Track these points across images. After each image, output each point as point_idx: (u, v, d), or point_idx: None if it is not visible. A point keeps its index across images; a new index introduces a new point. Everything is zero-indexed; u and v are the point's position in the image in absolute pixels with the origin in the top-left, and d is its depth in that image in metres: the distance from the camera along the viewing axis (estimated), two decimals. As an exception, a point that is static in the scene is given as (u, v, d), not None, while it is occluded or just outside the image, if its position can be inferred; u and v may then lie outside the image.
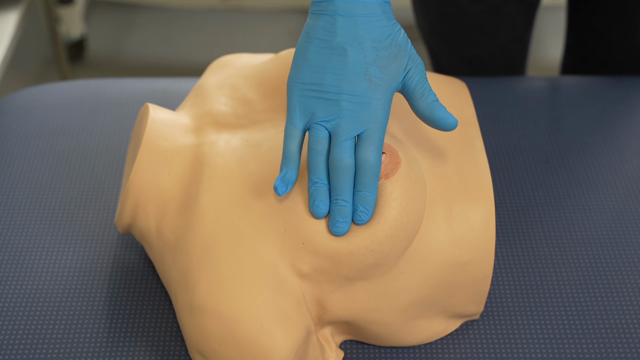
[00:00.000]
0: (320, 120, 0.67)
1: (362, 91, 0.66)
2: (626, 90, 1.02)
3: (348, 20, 0.66)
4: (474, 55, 1.11)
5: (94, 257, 0.83)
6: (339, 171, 0.66)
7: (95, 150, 0.95)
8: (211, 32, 2.31)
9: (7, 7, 1.94)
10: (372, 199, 0.66)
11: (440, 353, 0.76)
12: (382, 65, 0.67)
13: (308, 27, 0.68)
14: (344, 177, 0.66)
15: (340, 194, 0.66)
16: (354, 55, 0.66)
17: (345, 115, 0.66)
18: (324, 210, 0.66)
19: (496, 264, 0.83)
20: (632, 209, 0.88)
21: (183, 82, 1.04)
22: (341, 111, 0.66)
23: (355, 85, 0.66)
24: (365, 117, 0.66)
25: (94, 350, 0.76)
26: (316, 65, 0.67)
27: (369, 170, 0.66)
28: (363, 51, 0.66)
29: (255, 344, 0.66)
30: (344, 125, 0.66)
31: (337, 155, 0.66)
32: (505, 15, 1.07)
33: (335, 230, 0.66)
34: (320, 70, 0.67)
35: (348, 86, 0.66)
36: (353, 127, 0.66)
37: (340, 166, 0.65)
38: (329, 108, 0.66)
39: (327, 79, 0.66)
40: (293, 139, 0.67)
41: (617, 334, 0.77)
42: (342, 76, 0.66)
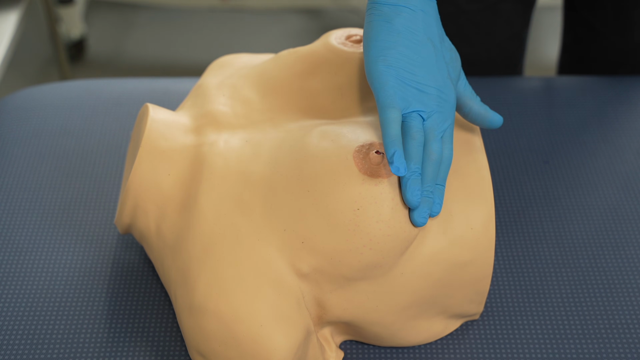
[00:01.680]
0: (418, 110, 0.68)
1: (446, 89, 0.69)
2: (625, 89, 1.02)
3: (427, 17, 0.69)
4: (471, 54, 1.11)
5: (94, 257, 0.83)
6: (435, 164, 0.67)
7: (95, 150, 0.95)
8: (211, 32, 2.31)
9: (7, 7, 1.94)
10: (443, 191, 0.68)
11: (440, 353, 0.76)
12: (454, 66, 0.71)
13: (386, 16, 0.68)
14: (436, 169, 0.67)
15: (429, 186, 0.67)
16: (439, 53, 0.69)
17: (438, 110, 0.68)
18: (418, 201, 0.66)
19: (496, 264, 0.83)
20: (632, 209, 0.88)
21: (183, 82, 1.04)
22: (434, 105, 0.68)
23: (441, 81, 0.69)
24: (448, 114, 0.69)
25: (94, 350, 0.76)
26: (407, 56, 0.68)
27: (448, 165, 0.69)
28: (442, 50, 0.70)
29: (254, 344, 0.66)
30: (438, 120, 0.68)
31: (436, 149, 0.67)
32: (501, 14, 1.07)
33: (420, 220, 0.66)
34: (412, 62, 0.68)
35: (437, 82, 0.68)
36: (442, 122, 0.69)
37: (437, 159, 0.67)
38: (425, 100, 0.68)
39: (420, 71, 0.68)
40: (397, 122, 0.66)
41: (617, 334, 0.77)
42: (432, 71, 0.68)
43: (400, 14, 0.68)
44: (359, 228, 0.67)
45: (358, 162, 0.68)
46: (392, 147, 0.65)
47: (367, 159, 0.68)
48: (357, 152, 0.68)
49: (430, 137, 0.68)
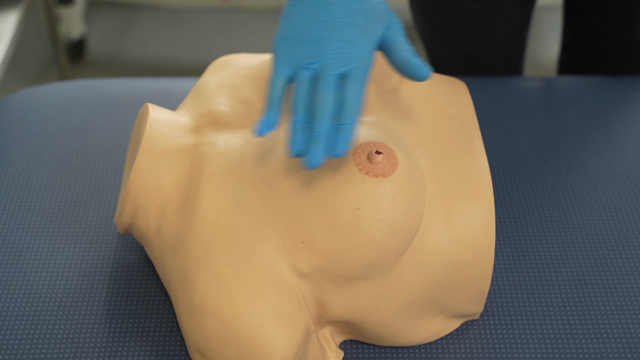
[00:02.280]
0: (305, 64, 0.68)
1: (348, 35, 0.68)
2: (625, 89, 1.02)
3: None
4: (472, 53, 1.11)
5: (94, 257, 0.83)
6: (320, 103, 0.65)
7: (95, 150, 0.95)
8: (211, 32, 2.31)
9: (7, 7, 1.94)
10: (351, 132, 0.65)
11: (440, 353, 0.76)
12: (367, 15, 0.69)
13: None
14: (326, 110, 0.65)
15: (318, 126, 0.65)
16: (340, 7, 0.69)
17: (331, 55, 0.67)
18: (299, 148, 0.65)
19: (496, 264, 0.83)
20: (632, 208, 0.88)
21: (183, 82, 1.04)
22: (326, 52, 0.67)
23: (340, 30, 0.68)
24: (350, 57, 0.67)
25: (94, 350, 0.76)
26: (301, 22, 0.69)
27: (351, 104, 0.65)
28: (348, 3, 0.69)
29: (255, 344, 0.66)
30: (329, 64, 0.67)
31: (319, 89, 0.66)
32: (502, 13, 1.07)
33: (308, 161, 0.64)
34: (306, 25, 0.69)
35: (333, 32, 0.68)
36: (338, 65, 0.67)
37: (324, 99, 0.65)
38: (314, 51, 0.68)
39: (313, 30, 0.68)
40: (276, 86, 0.67)
41: (617, 334, 0.77)
42: (327, 24, 0.68)
43: None
44: (359, 227, 0.67)
45: (358, 161, 0.68)
46: (265, 111, 0.67)
47: (367, 158, 0.68)
48: (357, 151, 0.68)
49: (317, 81, 0.67)
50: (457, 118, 0.78)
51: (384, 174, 0.67)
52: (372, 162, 0.68)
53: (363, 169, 0.67)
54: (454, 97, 0.80)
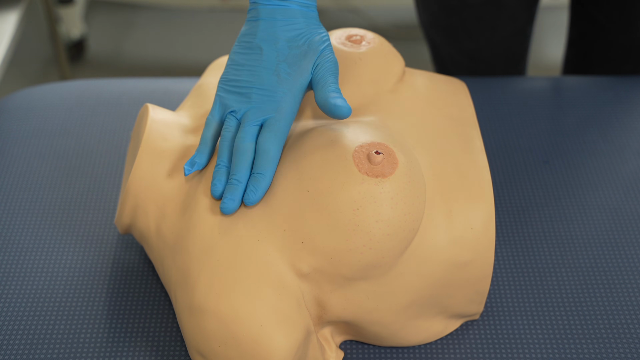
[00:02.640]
0: (232, 110, 0.73)
1: (270, 85, 0.72)
2: (625, 89, 1.02)
3: (268, 23, 0.74)
4: (475, 49, 1.11)
5: (94, 257, 0.83)
6: (237, 153, 0.70)
7: (95, 150, 0.95)
8: (211, 32, 2.31)
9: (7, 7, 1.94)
10: (263, 181, 0.69)
11: (440, 353, 0.76)
12: (292, 62, 0.73)
13: (240, 34, 0.76)
14: (242, 158, 0.70)
15: (235, 174, 0.70)
16: (268, 53, 0.73)
17: (253, 106, 0.72)
18: (220, 189, 0.70)
19: (496, 264, 0.83)
20: (632, 209, 0.88)
21: (183, 82, 1.04)
22: (250, 102, 0.72)
23: (265, 79, 0.72)
24: (269, 107, 0.72)
25: (94, 350, 0.76)
26: (237, 64, 0.74)
27: (264, 154, 0.70)
28: (277, 49, 0.73)
29: (255, 344, 0.66)
30: (249, 114, 0.72)
31: (238, 139, 0.71)
32: (505, 8, 1.07)
33: (222, 206, 0.69)
34: (239, 69, 0.74)
35: (259, 80, 0.73)
36: (257, 115, 0.72)
37: (239, 148, 0.70)
38: (241, 100, 0.73)
39: (243, 75, 0.73)
40: (210, 127, 0.74)
41: (617, 334, 0.77)
42: (255, 72, 0.73)
43: (245, 27, 0.75)
44: (359, 228, 0.67)
45: (358, 162, 0.68)
46: (196, 151, 0.73)
47: (366, 158, 0.68)
48: (357, 152, 0.68)
49: (239, 130, 0.72)
50: (457, 118, 0.78)
51: (384, 174, 0.67)
52: (372, 163, 0.68)
53: (363, 169, 0.67)
54: (453, 97, 0.80)
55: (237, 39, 0.75)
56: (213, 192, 0.70)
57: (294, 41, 0.74)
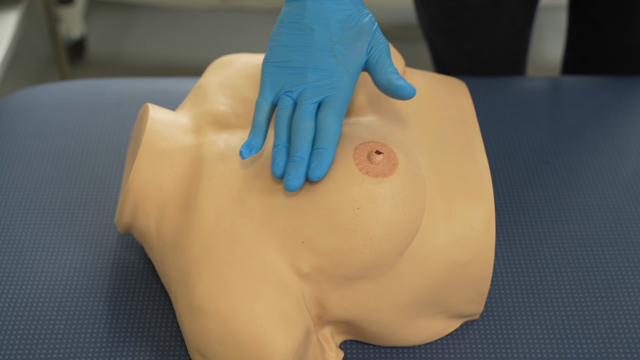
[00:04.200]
0: (287, 91, 0.72)
1: (327, 65, 0.71)
2: (625, 89, 1.02)
3: (316, 3, 0.72)
4: (475, 50, 1.11)
5: (94, 257, 0.83)
6: (298, 131, 0.69)
7: (95, 150, 0.95)
8: (211, 32, 2.31)
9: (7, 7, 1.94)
10: (328, 156, 0.68)
11: (440, 353, 0.76)
12: (347, 44, 0.72)
13: (281, 13, 0.74)
14: (303, 136, 0.69)
15: (297, 151, 0.68)
16: (321, 34, 0.72)
17: (310, 84, 0.71)
18: (282, 169, 0.69)
19: (496, 264, 0.83)
20: (632, 209, 0.88)
21: (183, 82, 1.04)
22: (306, 82, 0.71)
23: (321, 60, 0.71)
24: (327, 86, 0.71)
25: (94, 350, 0.76)
26: (286, 45, 0.72)
27: (326, 130, 0.69)
28: (329, 31, 0.72)
29: (255, 344, 0.66)
30: (306, 93, 0.71)
31: (297, 117, 0.70)
32: (505, 10, 1.07)
33: (286, 183, 0.67)
34: (289, 50, 0.72)
35: (314, 61, 0.71)
36: (315, 94, 0.71)
37: (300, 126, 0.69)
38: (296, 80, 0.71)
39: (296, 56, 0.72)
40: (262, 110, 0.72)
41: (617, 334, 0.77)
42: (309, 53, 0.72)
43: (289, 8, 0.74)
44: (359, 227, 0.67)
45: (358, 161, 0.68)
46: (250, 134, 0.71)
47: (367, 158, 0.68)
48: (357, 151, 0.68)
49: (296, 109, 0.71)
50: (457, 118, 0.78)
51: (384, 173, 0.67)
52: (372, 162, 0.68)
53: (363, 169, 0.67)
54: (453, 97, 0.80)
55: (281, 20, 0.74)
56: (275, 172, 0.68)
57: (346, 22, 0.73)
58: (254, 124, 0.71)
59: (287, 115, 0.71)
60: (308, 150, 0.68)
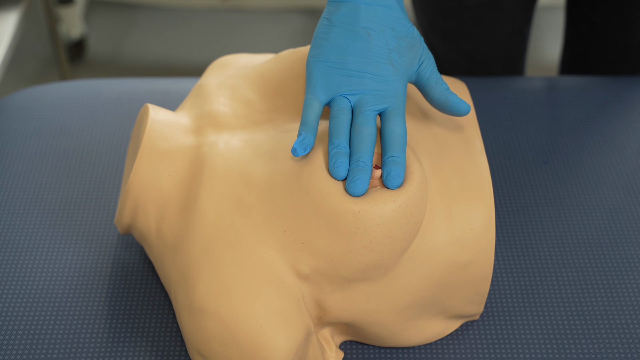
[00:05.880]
0: (344, 93, 0.70)
1: (385, 73, 0.70)
2: (625, 89, 1.02)
3: (370, 9, 0.71)
4: (473, 50, 1.11)
5: (94, 257, 0.83)
6: (362, 136, 0.68)
7: (95, 150, 0.95)
8: (211, 32, 2.31)
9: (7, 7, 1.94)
10: (403, 164, 0.67)
11: (440, 353, 0.76)
12: (402, 53, 0.71)
13: (329, 13, 0.72)
14: (368, 141, 0.68)
15: (362, 156, 0.67)
16: (377, 40, 0.70)
17: (369, 91, 0.69)
18: (344, 171, 0.67)
19: (496, 264, 0.83)
20: (632, 208, 0.88)
21: (183, 82, 1.04)
22: (364, 87, 0.69)
23: (379, 67, 0.70)
24: (388, 95, 0.69)
25: (94, 350, 0.76)
26: (339, 46, 0.70)
27: (399, 139, 0.68)
28: (385, 37, 0.71)
29: (254, 345, 0.66)
30: (368, 99, 0.69)
31: (360, 122, 0.68)
32: (503, 10, 1.07)
33: (353, 187, 0.66)
34: (343, 52, 0.70)
35: (372, 67, 0.70)
36: (377, 101, 0.69)
37: (364, 131, 0.68)
38: (353, 83, 0.70)
39: (351, 60, 0.70)
40: (312, 109, 0.69)
41: (617, 334, 0.77)
42: (365, 58, 0.70)
43: (339, 9, 0.71)
44: (359, 230, 0.67)
45: None
46: (301, 130, 0.68)
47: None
48: None
49: (356, 114, 0.69)
50: (457, 118, 0.78)
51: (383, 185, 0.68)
52: (372, 177, 0.68)
53: None
54: (454, 98, 0.80)
55: (329, 20, 0.72)
56: (337, 173, 0.67)
57: (399, 32, 0.72)
58: (305, 122, 0.69)
59: (347, 117, 0.69)
60: (372, 157, 0.68)
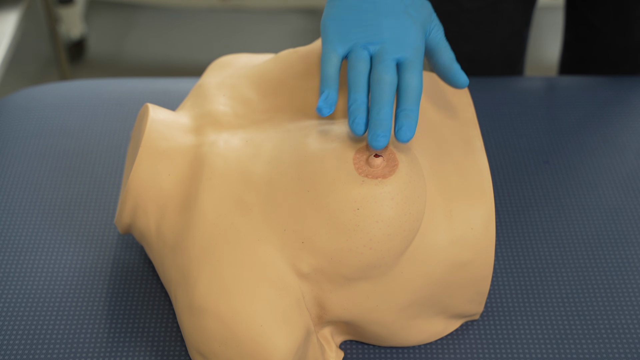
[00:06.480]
0: (362, 44, 0.68)
1: (403, 23, 0.68)
2: (625, 89, 1.02)
3: None
4: (472, 52, 1.12)
5: (94, 257, 0.83)
6: (383, 85, 0.66)
7: (95, 150, 0.95)
8: (211, 32, 2.31)
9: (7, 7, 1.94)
10: (415, 118, 0.66)
11: (440, 353, 0.76)
12: (417, 8, 0.70)
13: None
14: (388, 91, 0.65)
15: (382, 108, 0.65)
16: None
17: (388, 40, 0.67)
18: (363, 128, 0.65)
19: (496, 264, 0.83)
20: (631, 208, 0.88)
21: (183, 82, 1.04)
22: (382, 37, 0.67)
23: (396, 18, 0.68)
24: (407, 44, 0.68)
25: (94, 350, 0.76)
26: (354, 7, 0.69)
27: (415, 91, 0.66)
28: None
29: (254, 344, 0.66)
30: (387, 48, 0.67)
31: (380, 70, 0.66)
32: (502, 12, 1.07)
33: (376, 142, 0.64)
34: (359, 11, 0.69)
35: (388, 19, 0.68)
36: (396, 50, 0.67)
37: (384, 80, 0.66)
38: (371, 33, 0.68)
39: (368, 13, 0.69)
40: (331, 62, 0.67)
41: (617, 334, 0.77)
42: (381, 12, 0.69)
43: None
44: (359, 228, 0.67)
45: (358, 166, 0.68)
46: (323, 87, 0.66)
47: (366, 163, 0.68)
48: (357, 157, 0.68)
49: (375, 62, 0.67)
50: (457, 118, 0.78)
51: (384, 175, 0.67)
52: (372, 166, 0.68)
53: (363, 172, 0.67)
54: (454, 98, 0.80)
55: None
56: (357, 130, 0.65)
57: None
58: (326, 78, 0.66)
59: (365, 67, 0.67)
60: (392, 109, 0.65)
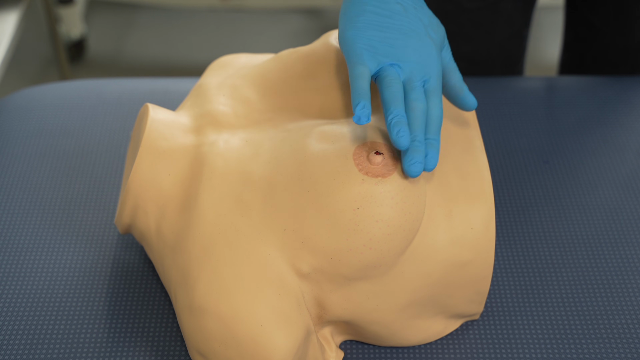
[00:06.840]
0: (390, 62, 0.68)
1: (426, 45, 0.69)
2: (625, 89, 1.02)
3: None
4: (472, 52, 1.12)
5: (94, 257, 0.83)
6: (419, 113, 0.66)
7: (95, 150, 0.95)
8: (211, 32, 2.31)
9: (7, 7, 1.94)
10: (437, 147, 0.67)
11: (440, 353, 0.76)
12: (435, 29, 0.71)
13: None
14: (422, 119, 0.66)
15: (418, 135, 0.66)
16: (413, 15, 0.70)
17: (415, 63, 0.68)
18: (407, 140, 0.65)
19: (496, 264, 0.83)
20: (631, 208, 0.88)
21: (183, 82, 1.04)
22: (408, 59, 0.68)
23: (420, 39, 0.69)
24: (431, 68, 0.69)
25: (94, 350, 0.76)
26: (377, 23, 0.69)
27: (437, 120, 0.67)
28: (418, 14, 0.70)
29: (254, 344, 0.66)
30: (416, 72, 0.68)
31: (414, 97, 0.67)
32: (502, 12, 1.07)
33: (413, 169, 0.65)
34: (382, 28, 0.69)
35: (414, 40, 0.69)
36: (422, 74, 0.68)
37: (420, 108, 0.67)
38: (398, 55, 0.68)
39: (391, 32, 0.69)
40: (364, 78, 0.67)
41: (617, 334, 0.77)
42: (404, 31, 0.69)
43: None
44: (359, 227, 0.67)
45: (358, 162, 0.68)
46: (358, 99, 0.65)
47: (367, 159, 0.68)
48: (357, 152, 0.68)
49: (408, 88, 0.68)
50: (457, 118, 0.78)
51: (384, 174, 0.67)
52: (372, 163, 0.68)
53: (363, 169, 0.67)
54: (454, 97, 0.80)
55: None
56: (401, 142, 0.65)
57: (427, 9, 0.72)
58: (360, 92, 0.66)
59: (400, 87, 0.67)
60: (424, 135, 0.66)
